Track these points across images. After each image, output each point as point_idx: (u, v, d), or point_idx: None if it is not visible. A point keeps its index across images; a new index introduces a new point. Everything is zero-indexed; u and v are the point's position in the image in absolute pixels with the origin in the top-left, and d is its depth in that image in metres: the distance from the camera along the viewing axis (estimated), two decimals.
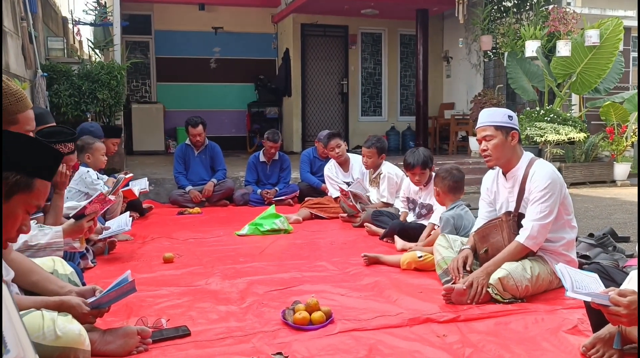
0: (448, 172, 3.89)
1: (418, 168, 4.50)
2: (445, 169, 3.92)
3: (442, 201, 3.93)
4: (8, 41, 5.98)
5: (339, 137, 6.17)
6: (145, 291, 3.24)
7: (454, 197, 3.85)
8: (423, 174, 4.53)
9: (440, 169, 3.95)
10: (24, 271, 2.37)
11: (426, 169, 4.52)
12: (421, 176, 4.53)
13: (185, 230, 5.30)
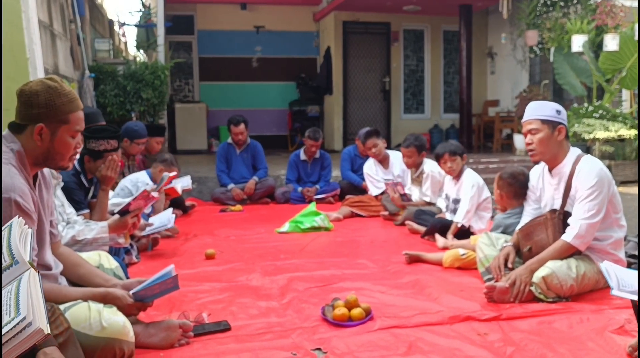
0: (514, 178, 3.63)
1: (446, 154, 4.49)
2: (512, 174, 3.67)
3: (504, 204, 3.77)
4: (57, 43, 6.16)
5: (375, 136, 6.12)
6: (187, 286, 3.28)
7: (517, 203, 3.66)
8: (454, 161, 4.50)
9: (504, 173, 3.72)
10: (71, 265, 2.43)
11: (455, 156, 4.48)
12: (452, 163, 4.49)
13: (227, 227, 5.36)
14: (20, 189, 1.95)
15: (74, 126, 2.14)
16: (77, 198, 3.50)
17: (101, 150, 3.54)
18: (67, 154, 2.17)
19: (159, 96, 7.72)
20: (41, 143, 2.08)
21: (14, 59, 4.57)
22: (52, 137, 2.09)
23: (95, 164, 3.59)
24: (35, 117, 2.07)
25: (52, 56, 5.87)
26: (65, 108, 2.10)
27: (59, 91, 2.10)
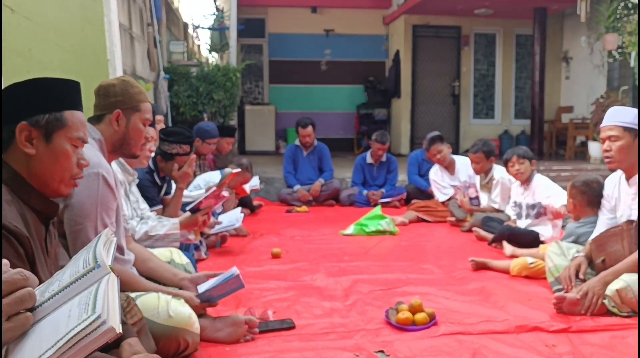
0: (588, 186, 3.52)
1: (514, 156, 4.47)
2: (585, 182, 3.56)
3: (576, 213, 3.67)
4: (135, 45, 6.41)
5: (439, 141, 6.04)
6: (253, 283, 3.36)
7: (590, 212, 3.55)
8: (522, 164, 4.47)
9: (577, 181, 3.61)
10: (142, 259, 2.54)
11: (524, 159, 4.47)
12: (520, 165, 4.47)
13: (293, 227, 5.43)
14: (106, 167, 2.13)
15: (144, 114, 2.32)
16: (151, 194, 3.64)
17: (173, 153, 3.64)
18: (139, 141, 2.34)
19: (230, 97, 7.91)
20: (118, 128, 2.26)
21: (96, 60, 4.80)
22: (127, 123, 2.28)
23: (166, 164, 3.70)
24: (112, 105, 2.26)
25: (130, 57, 6.11)
26: (138, 97, 2.30)
27: (132, 83, 2.32)
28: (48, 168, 1.57)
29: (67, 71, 3.89)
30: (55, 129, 1.58)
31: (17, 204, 1.51)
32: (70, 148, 1.62)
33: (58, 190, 1.62)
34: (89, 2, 4.61)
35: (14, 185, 1.54)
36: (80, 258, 0.87)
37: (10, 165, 1.55)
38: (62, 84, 1.64)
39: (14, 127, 1.53)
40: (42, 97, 1.57)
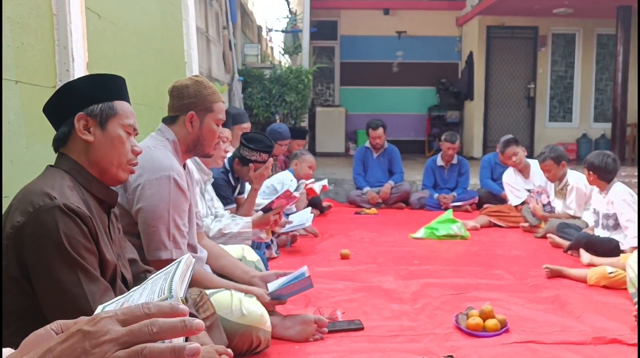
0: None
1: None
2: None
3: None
4: (211, 48, 6.59)
5: (515, 144, 5.89)
6: (322, 283, 3.39)
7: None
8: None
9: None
10: (215, 256, 2.62)
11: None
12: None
13: (362, 229, 5.43)
14: (177, 169, 2.19)
15: (217, 114, 2.36)
16: (225, 193, 3.74)
17: (252, 160, 3.68)
18: (212, 141, 2.38)
19: (302, 99, 8.00)
20: (192, 130, 2.31)
21: (174, 63, 4.97)
22: (200, 124, 2.32)
23: (242, 169, 3.77)
24: (186, 107, 2.31)
25: (206, 60, 6.29)
26: (211, 98, 2.33)
27: (205, 84, 2.35)
28: (105, 153, 1.67)
29: (147, 74, 4.05)
30: (109, 117, 1.68)
31: (79, 191, 1.61)
32: (123, 134, 1.70)
33: (116, 175, 1.71)
34: (168, 8, 4.78)
35: (75, 174, 1.64)
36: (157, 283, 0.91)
37: (70, 157, 1.66)
38: (111, 78, 1.75)
39: (72, 119, 1.65)
40: (94, 89, 1.69)
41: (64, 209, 1.46)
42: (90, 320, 0.71)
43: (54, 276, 1.43)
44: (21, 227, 1.45)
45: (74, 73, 2.68)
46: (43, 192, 1.49)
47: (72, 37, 2.70)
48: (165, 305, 0.73)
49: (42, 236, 1.44)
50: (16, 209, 1.49)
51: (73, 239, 1.46)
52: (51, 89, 2.60)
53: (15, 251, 1.46)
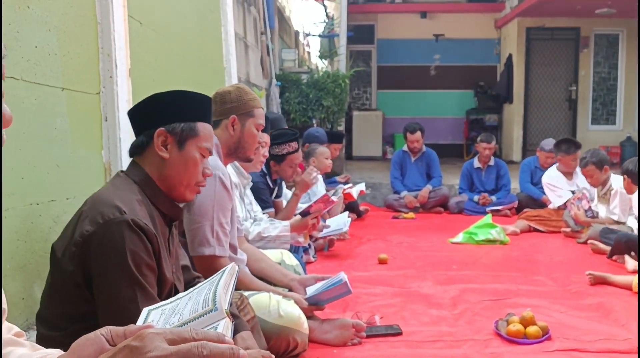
0: None
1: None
2: None
3: None
4: (250, 54, 6.66)
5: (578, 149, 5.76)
6: (360, 288, 3.38)
7: None
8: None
9: None
10: (254, 259, 2.65)
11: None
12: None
13: (399, 233, 5.40)
14: (222, 169, 2.26)
15: (257, 119, 2.44)
16: (265, 197, 3.78)
17: (284, 153, 3.79)
18: (253, 145, 2.46)
19: (339, 103, 8.01)
20: (233, 133, 2.39)
21: (213, 68, 5.04)
22: (242, 128, 2.40)
23: (280, 167, 3.85)
24: (228, 111, 2.39)
25: (244, 65, 6.36)
26: (252, 103, 2.42)
27: (246, 90, 2.45)
28: (178, 172, 1.70)
29: (187, 79, 4.12)
30: (188, 137, 1.70)
31: (146, 205, 1.64)
32: (198, 156, 1.73)
33: (183, 195, 1.74)
34: (207, 14, 4.86)
35: (144, 187, 1.67)
36: (202, 293, 0.92)
37: (143, 168, 1.70)
38: (198, 97, 1.78)
39: (153, 132, 1.68)
40: (179, 107, 1.71)
41: (132, 226, 1.49)
42: (138, 335, 0.74)
43: (112, 290, 1.47)
44: (89, 236, 1.49)
45: (117, 80, 2.75)
46: (113, 204, 1.52)
47: (116, 45, 2.77)
48: (212, 334, 0.76)
49: (107, 249, 1.48)
50: (86, 217, 1.53)
51: (137, 256, 1.49)
52: (95, 96, 2.67)
53: (81, 259, 1.50)
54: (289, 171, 3.91)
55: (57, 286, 1.57)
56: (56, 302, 1.58)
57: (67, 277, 1.53)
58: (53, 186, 2.28)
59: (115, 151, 2.76)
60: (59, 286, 1.56)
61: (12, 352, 1.02)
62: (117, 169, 2.74)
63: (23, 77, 2.07)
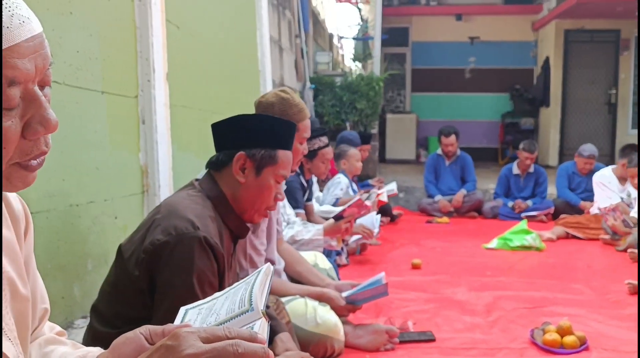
0: None
1: None
2: None
3: None
4: (284, 57, 6.70)
5: None
6: (393, 293, 3.35)
7: None
8: None
9: None
10: (293, 261, 2.65)
11: None
12: None
13: (433, 238, 5.36)
14: None
15: (302, 133, 2.37)
16: (297, 196, 3.79)
17: (316, 149, 3.79)
18: (296, 159, 2.40)
19: (373, 106, 7.98)
20: None
21: (248, 71, 5.08)
22: None
23: (312, 163, 3.85)
24: None
25: (279, 68, 6.39)
26: (296, 117, 2.32)
27: (291, 102, 2.34)
28: (251, 197, 1.71)
29: (222, 82, 4.16)
30: (267, 164, 1.71)
31: (218, 221, 1.66)
32: (273, 183, 1.74)
33: (252, 218, 1.76)
34: (243, 18, 4.90)
35: (218, 204, 1.70)
36: (238, 293, 0.93)
37: (219, 185, 1.72)
38: (283, 124, 1.78)
39: (233, 154, 1.70)
40: (263, 133, 1.72)
41: (203, 243, 1.51)
42: (173, 335, 0.76)
43: (171, 301, 1.47)
44: (160, 246, 1.51)
45: (154, 84, 2.79)
46: (188, 218, 1.54)
47: (153, 49, 2.81)
48: (245, 333, 0.77)
49: (176, 261, 1.50)
50: (158, 226, 1.55)
51: (202, 273, 1.51)
52: (133, 99, 2.72)
53: (149, 266, 1.53)
54: (321, 167, 3.88)
55: (119, 286, 1.60)
56: (115, 301, 1.61)
57: (131, 280, 1.55)
58: (92, 188, 2.33)
59: (152, 153, 2.80)
60: (121, 286, 1.59)
61: (55, 350, 1.05)
62: (153, 172, 2.78)
63: (65, 82, 2.12)
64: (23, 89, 0.77)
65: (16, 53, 0.74)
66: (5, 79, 0.73)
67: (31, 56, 0.76)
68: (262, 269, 0.95)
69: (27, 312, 0.98)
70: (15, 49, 0.74)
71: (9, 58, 0.73)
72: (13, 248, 0.97)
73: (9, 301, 0.93)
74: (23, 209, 1.03)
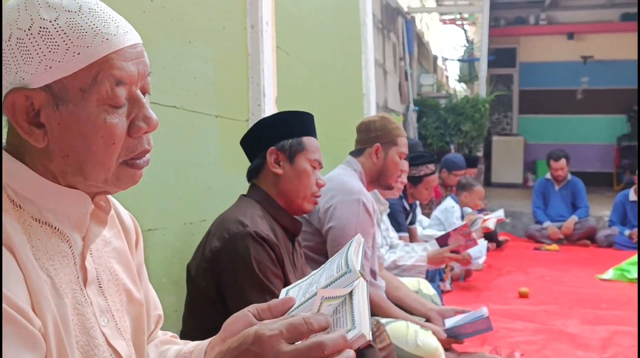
0: None
1: None
2: None
3: None
4: (388, 80, 6.72)
5: None
6: (499, 322, 3.25)
7: None
8: None
9: None
10: (392, 287, 2.64)
11: None
12: None
13: (542, 266, 5.14)
14: (366, 194, 2.32)
15: (401, 148, 2.49)
16: (400, 220, 3.77)
17: (421, 175, 3.79)
18: (395, 173, 2.51)
19: (478, 129, 7.82)
20: (377, 161, 2.46)
21: (353, 95, 5.13)
22: (385, 156, 2.45)
23: (416, 189, 3.85)
24: (372, 139, 2.47)
25: (383, 91, 6.42)
26: (395, 132, 2.48)
27: (390, 119, 2.52)
28: (293, 185, 1.81)
29: (327, 106, 4.23)
30: (297, 151, 1.82)
31: (268, 220, 1.75)
32: (309, 167, 1.83)
33: (302, 206, 1.84)
34: (349, 43, 4.97)
35: (265, 204, 1.80)
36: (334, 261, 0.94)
37: (261, 188, 1.84)
38: (301, 115, 1.91)
39: (265, 154, 1.82)
40: (285, 126, 1.85)
41: (255, 237, 1.61)
42: (256, 339, 0.76)
43: (244, 299, 1.54)
44: (218, 252, 1.63)
45: (264, 108, 2.89)
46: (237, 220, 1.65)
47: (264, 74, 2.91)
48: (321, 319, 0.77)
49: (235, 261, 1.60)
50: (214, 235, 1.68)
51: (262, 264, 1.59)
52: (244, 123, 2.83)
53: (212, 273, 1.63)
54: (424, 193, 3.93)
55: (193, 304, 1.71)
56: (193, 318, 1.71)
57: (201, 293, 1.66)
58: (205, 207, 2.43)
59: None
60: (195, 303, 1.70)
61: (170, 348, 1.13)
62: None
63: (183, 106, 2.24)
64: (128, 90, 0.86)
65: (122, 56, 0.84)
66: (114, 78, 0.83)
67: (134, 61, 0.86)
68: (353, 240, 0.97)
69: (142, 317, 1.06)
70: (121, 52, 0.84)
71: (116, 60, 0.83)
72: (126, 256, 1.05)
73: (125, 305, 1.01)
74: (133, 223, 1.11)
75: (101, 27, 0.82)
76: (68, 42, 0.80)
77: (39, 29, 0.79)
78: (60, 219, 0.88)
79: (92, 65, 0.81)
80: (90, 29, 0.81)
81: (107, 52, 0.82)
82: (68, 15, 0.81)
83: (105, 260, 0.98)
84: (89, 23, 0.82)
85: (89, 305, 0.90)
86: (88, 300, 0.91)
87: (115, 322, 0.96)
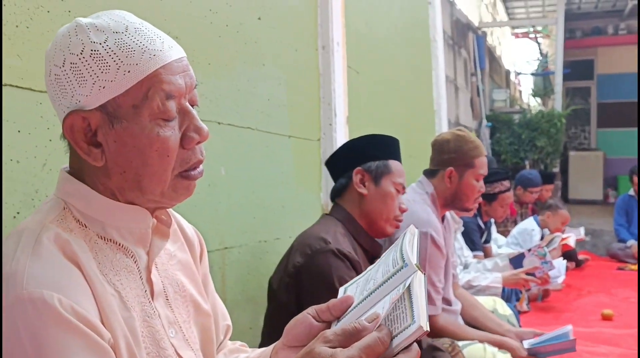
0: None
1: None
2: None
3: None
4: (459, 95, 6.64)
5: None
6: (581, 345, 3.09)
7: None
8: None
9: None
10: (468, 306, 2.58)
11: None
12: None
13: (626, 287, 4.88)
14: (435, 226, 2.23)
15: (478, 170, 2.37)
16: (474, 238, 3.70)
17: (496, 192, 3.70)
18: (472, 197, 2.39)
19: (554, 144, 7.60)
20: (450, 185, 2.36)
21: (424, 111, 5.10)
22: (459, 179, 2.35)
23: (491, 206, 3.77)
24: (446, 162, 2.36)
25: (454, 107, 6.34)
26: (472, 153, 2.35)
27: (466, 139, 2.37)
28: (377, 206, 1.84)
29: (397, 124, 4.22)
30: (383, 174, 1.86)
31: (349, 238, 1.79)
32: (394, 191, 1.86)
33: (383, 228, 1.86)
34: (419, 60, 4.96)
35: (347, 223, 1.84)
36: (389, 256, 0.94)
37: (344, 207, 1.87)
38: (388, 139, 1.95)
39: (351, 174, 1.86)
40: (373, 148, 1.89)
41: (336, 253, 1.64)
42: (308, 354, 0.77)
43: None
44: (300, 267, 1.67)
45: (336, 127, 2.92)
46: (319, 237, 1.69)
47: (335, 94, 2.95)
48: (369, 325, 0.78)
49: (317, 276, 1.63)
50: (296, 251, 1.72)
51: (343, 280, 1.59)
52: (316, 143, 2.87)
53: (295, 289, 1.67)
54: (499, 211, 3.83)
55: (274, 318, 1.74)
56: (273, 334, 1.71)
57: (282, 307, 1.68)
58: (278, 225, 2.47)
59: None
60: (276, 318, 1.73)
61: (238, 357, 1.16)
62: None
63: (257, 128, 2.30)
64: (177, 103, 0.89)
65: (170, 71, 0.87)
66: (164, 93, 0.86)
67: (181, 74, 0.89)
68: (407, 231, 0.96)
69: (210, 327, 1.09)
70: (168, 67, 0.87)
71: (164, 75, 0.86)
72: (191, 268, 1.08)
73: (192, 316, 1.04)
74: (197, 236, 1.14)
75: (148, 44, 0.86)
76: (118, 62, 0.84)
77: (91, 52, 0.84)
78: (124, 235, 0.92)
79: (142, 81, 0.85)
80: (137, 47, 0.85)
81: (155, 67, 0.85)
82: (116, 36, 0.85)
83: (171, 272, 1.01)
84: (136, 42, 0.85)
85: (157, 317, 0.93)
86: (156, 312, 0.93)
87: (183, 333, 0.98)
